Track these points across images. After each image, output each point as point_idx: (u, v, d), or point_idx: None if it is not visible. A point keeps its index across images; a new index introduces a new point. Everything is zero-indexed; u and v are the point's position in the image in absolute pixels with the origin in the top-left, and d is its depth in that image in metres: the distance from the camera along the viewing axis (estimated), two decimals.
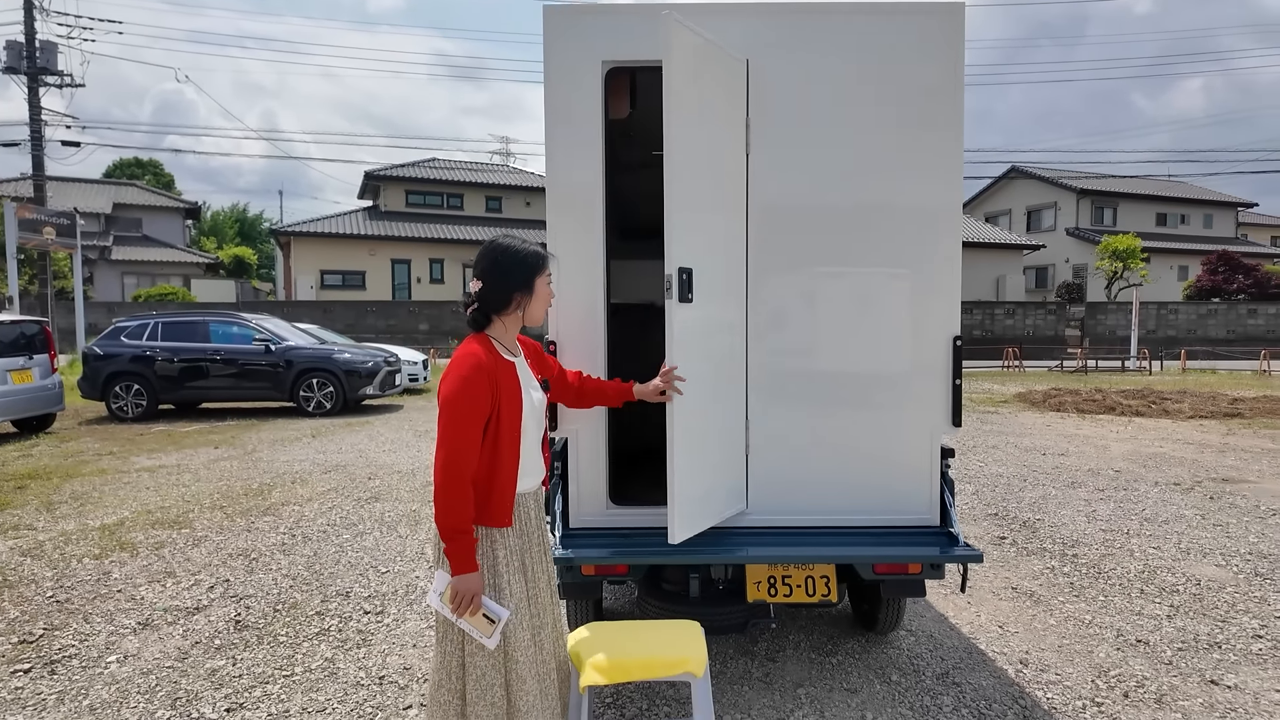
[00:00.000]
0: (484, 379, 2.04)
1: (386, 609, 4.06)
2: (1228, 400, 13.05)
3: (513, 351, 2.22)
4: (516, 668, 2.09)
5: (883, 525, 3.08)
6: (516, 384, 2.14)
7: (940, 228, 3.01)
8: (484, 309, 2.17)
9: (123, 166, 49.35)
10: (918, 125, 2.97)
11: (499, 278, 2.15)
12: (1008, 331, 29.26)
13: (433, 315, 28.52)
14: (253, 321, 12.57)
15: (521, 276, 2.15)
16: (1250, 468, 7.75)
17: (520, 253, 2.17)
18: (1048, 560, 4.85)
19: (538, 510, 2.26)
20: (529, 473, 2.19)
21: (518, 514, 2.15)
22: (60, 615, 3.99)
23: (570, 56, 2.95)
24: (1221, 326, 29.52)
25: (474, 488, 2.04)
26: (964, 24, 3.00)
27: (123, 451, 8.94)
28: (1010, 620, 3.92)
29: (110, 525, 5.69)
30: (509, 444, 2.09)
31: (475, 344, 2.12)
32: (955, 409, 3.06)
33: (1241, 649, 3.54)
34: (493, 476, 2.08)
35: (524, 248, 2.18)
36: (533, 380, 2.25)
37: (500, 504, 2.10)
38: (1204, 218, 41.93)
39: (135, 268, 33.11)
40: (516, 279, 2.15)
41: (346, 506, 6.24)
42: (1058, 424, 11.14)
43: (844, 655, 3.50)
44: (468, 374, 2.03)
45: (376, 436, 9.96)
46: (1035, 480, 7.19)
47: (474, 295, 2.17)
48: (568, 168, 2.98)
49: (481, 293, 2.15)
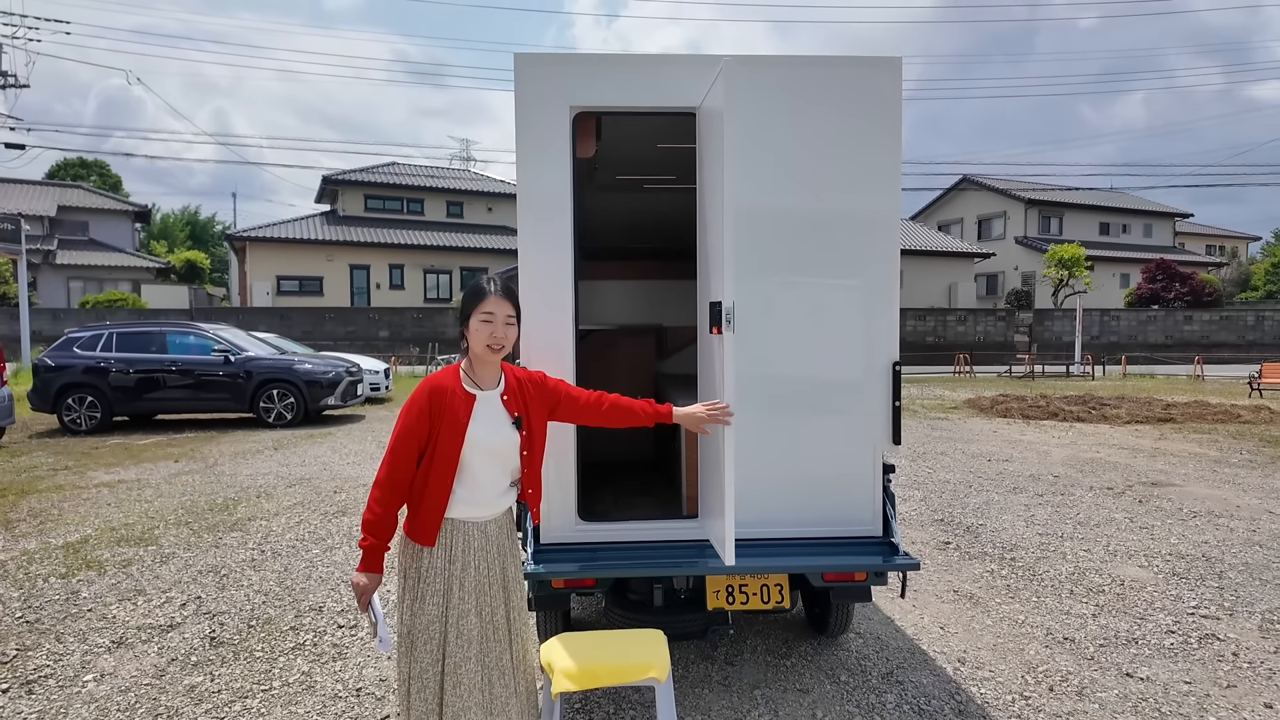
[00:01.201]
0: (427, 404, 2.21)
1: (360, 623, 4.19)
2: (1162, 406, 13.75)
3: (480, 384, 2.32)
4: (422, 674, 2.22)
5: (830, 536, 3.32)
6: (461, 417, 2.22)
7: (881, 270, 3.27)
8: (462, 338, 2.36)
9: (67, 167, 47.85)
10: (859, 171, 3.22)
11: (460, 310, 2.35)
12: (960, 338, 30.15)
13: (393, 322, 28.32)
14: (211, 331, 12.45)
15: (461, 312, 2.33)
16: (1177, 471, 8.25)
17: (466, 289, 2.35)
18: (987, 564, 5.17)
19: (484, 540, 2.29)
20: (475, 503, 2.27)
21: (451, 539, 2.25)
22: (32, 636, 4.03)
23: (540, 101, 3.14)
24: (1160, 332, 30.84)
25: (408, 502, 2.24)
26: (901, 75, 3.28)
27: (79, 466, 8.83)
28: (951, 621, 4.21)
29: (74, 543, 5.68)
30: (440, 471, 2.20)
31: (447, 371, 2.32)
32: (895, 428, 3.33)
33: (1155, 644, 3.88)
34: (421, 497, 2.22)
35: (472, 284, 2.34)
36: (499, 418, 2.29)
37: (425, 524, 2.22)
38: (1144, 227, 43.75)
39: (82, 272, 32.19)
40: (462, 312, 2.33)
41: (314, 521, 6.31)
42: (1004, 430, 11.64)
43: (797, 658, 3.75)
44: (414, 395, 2.25)
45: (339, 448, 9.98)
46: (980, 486, 7.57)
47: None
48: (539, 205, 3.17)
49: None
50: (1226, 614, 4.25)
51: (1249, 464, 8.67)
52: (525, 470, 2.37)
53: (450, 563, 2.24)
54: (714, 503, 2.97)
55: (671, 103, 3.22)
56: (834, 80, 3.17)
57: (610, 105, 3.21)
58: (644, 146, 4.44)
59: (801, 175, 3.20)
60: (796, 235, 3.22)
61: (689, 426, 2.65)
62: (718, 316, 2.70)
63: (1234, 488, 7.43)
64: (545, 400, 2.45)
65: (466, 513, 2.27)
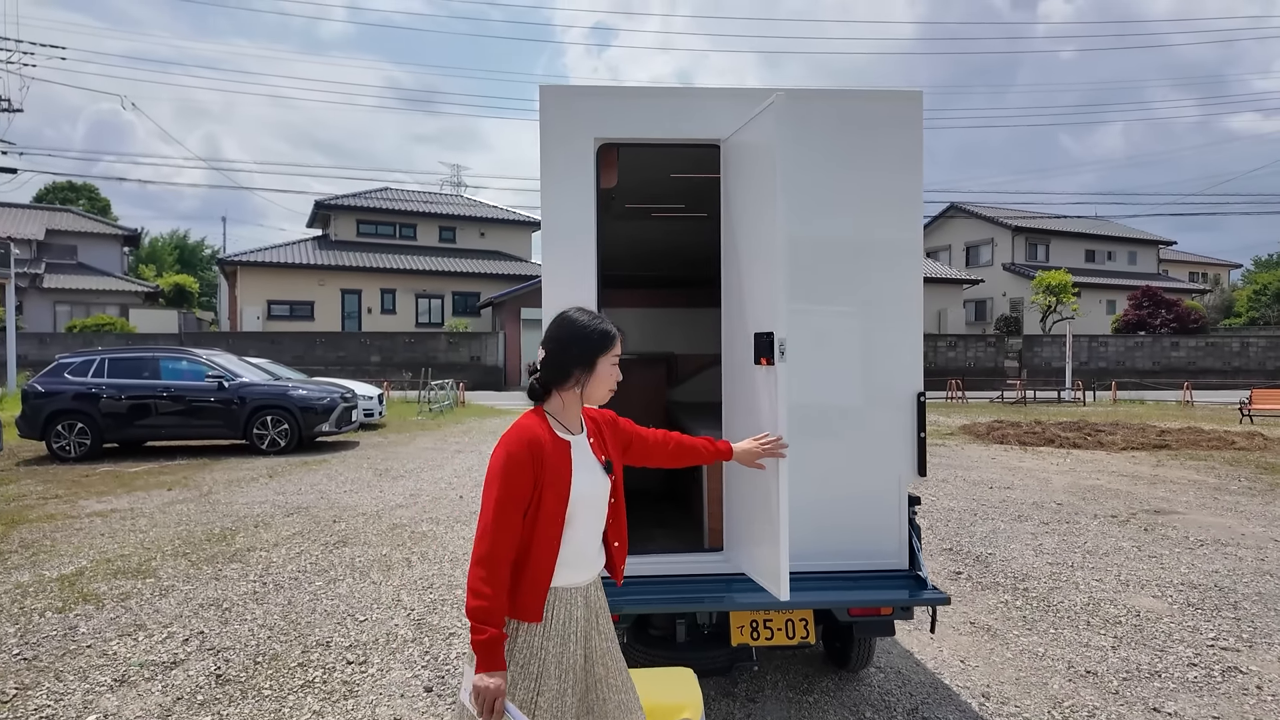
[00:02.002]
0: (529, 457, 1.90)
1: (370, 659, 4.09)
2: (1156, 432, 13.82)
3: (571, 429, 2.05)
4: None
5: (855, 570, 3.29)
6: (567, 467, 1.96)
7: (904, 299, 3.28)
8: (544, 381, 2.05)
9: (55, 191, 47.63)
10: (885, 201, 3.24)
11: (560, 351, 2.02)
12: (950, 363, 30.31)
13: (384, 347, 28.18)
14: (205, 357, 12.33)
15: (582, 353, 2.02)
16: (1179, 499, 8.26)
17: (586, 328, 2.04)
18: (1000, 594, 5.13)
19: (588, 608, 2.04)
20: (577, 566, 2.01)
21: (555, 611, 1.96)
22: (30, 673, 3.90)
23: (565, 133, 3.14)
24: (1148, 358, 31.13)
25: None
26: (922, 107, 3.31)
27: (69, 495, 8.66)
28: (970, 654, 4.16)
29: (69, 575, 5.55)
30: (546, 532, 1.92)
31: (532, 417, 1.99)
32: (920, 460, 3.31)
33: (1179, 677, 3.84)
34: (524, 565, 1.91)
35: (591, 323, 2.05)
36: (593, 463, 2.05)
37: (528, 596, 1.92)
38: (1128, 255, 44.36)
39: (69, 296, 31.91)
40: (576, 355, 2.02)
41: (315, 551, 6.19)
42: (1001, 456, 11.65)
43: (819, 694, 3.68)
44: (513, 450, 1.90)
45: (336, 476, 9.85)
46: (984, 514, 7.55)
47: (536, 365, 2.06)
48: (564, 235, 3.16)
49: (545, 363, 2.04)
50: (1246, 645, 4.22)
51: (1248, 491, 8.70)
52: (611, 520, 2.13)
53: (553, 639, 1.96)
54: (755, 535, 2.92)
55: (695, 135, 3.23)
56: (860, 113, 3.20)
57: (634, 137, 3.22)
58: (654, 176, 4.45)
59: (830, 206, 3.21)
60: (824, 265, 3.22)
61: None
62: (765, 347, 2.68)
63: (1237, 515, 7.44)
64: (619, 441, 2.24)
65: (568, 578, 1.99)
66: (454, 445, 12.91)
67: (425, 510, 7.76)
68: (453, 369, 27.59)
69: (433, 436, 14.18)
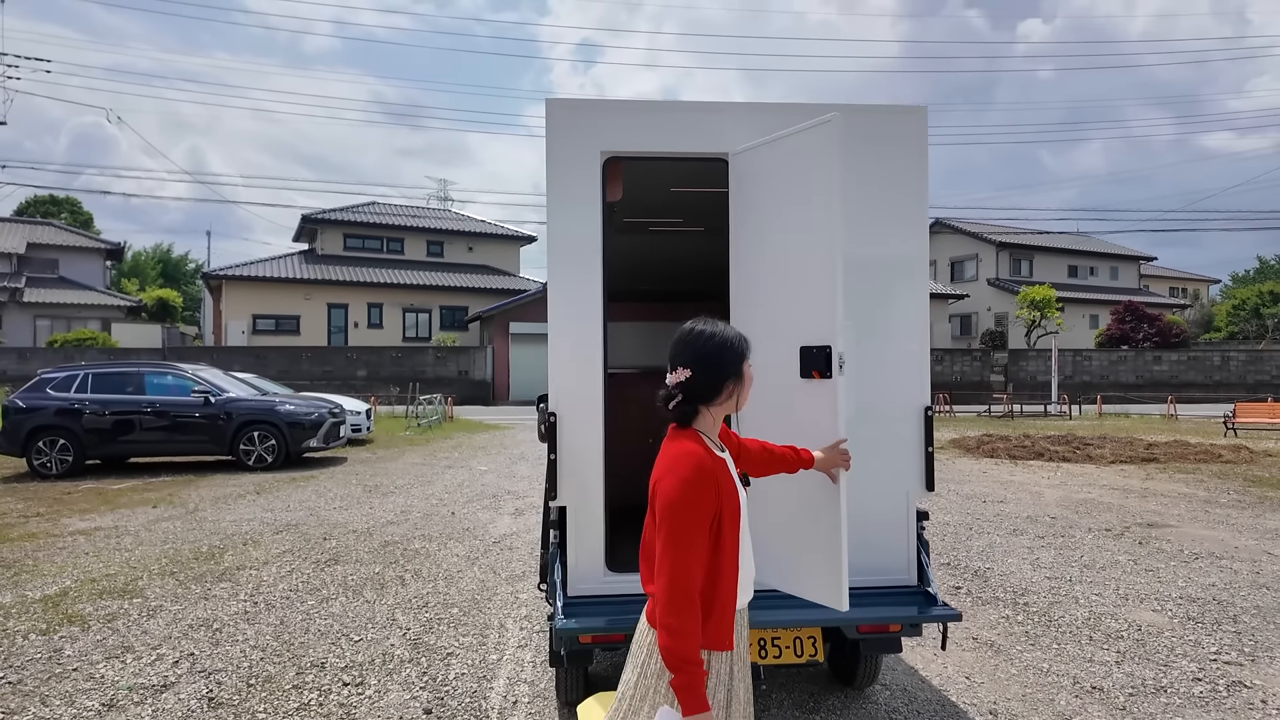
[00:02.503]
0: (709, 481, 1.80)
1: (366, 680, 4.00)
2: (1144, 445, 13.92)
3: (720, 446, 2.00)
4: None
5: (864, 586, 3.25)
6: (733, 485, 1.89)
7: (911, 313, 3.28)
8: (691, 400, 1.94)
9: (36, 204, 47.13)
10: (891, 216, 3.24)
11: (711, 366, 1.93)
12: (938, 378, 30.46)
13: (371, 361, 28.00)
14: (190, 372, 12.17)
15: (734, 362, 1.96)
16: (1171, 512, 8.30)
17: (728, 338, 1.97)
18: (1001, 609, 5.11)
19: (743, 627, 1.99)
20: (746, 585, 1.95)
21: (740, 635, 1.91)
22: (15, 698, 3.78)
23: (572, 146, 3.12)
24: (1131, 372, 31.46)
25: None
26: (926, 123, 3.32)
27: (51, 513, 8.48)
28: (975, 671, 4.12)
29: (53, 596, 5.41)
30: (729, 558, 1.84)
31: (690, 441, 1.88)
32: (928, 474, 3.29)
33: (1185, 692, 3.82)
34: (713, 593, 1.82)
35: (730, 332, 1.99)
36: (737, 477, 1.99)
37: (720, 624, 1.83)
38: (1111, 270, 44.96)
39: (50, 311, 31.47)
40: (729, 366, 1.95)
41: (306, 570, 6.08)
42: (993, 470, 11.68)
43: (826, 712, 3.63)
44: (690, 476, 1.78)
45: (324, 492, 9.72)
46: (980, 528, 7.54)
47: (676, 387, 1.94)
48: (570, 249, 3.13)
49: (690, 383, 1.92)
50: (1249, 659, 4.22)
51: (1238, 504, 8.76)
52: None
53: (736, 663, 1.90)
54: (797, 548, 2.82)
55: (702, 149, 3.23)
56: (864, 128, 3.20)
57: (641, 150, 3.21)
58: (654, 189, 4.43)
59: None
60: None
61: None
62: (819, 360, 2.66)
63: (1229, 528, 7.48)
64: (731, 452, 2.13)
65: (741, 599, 1.92)
66: (443, 461, 12.79)
67: (417, 527, 7.66)
68: (440, 383, 27.43)
69: (421, 452, 14.04)
